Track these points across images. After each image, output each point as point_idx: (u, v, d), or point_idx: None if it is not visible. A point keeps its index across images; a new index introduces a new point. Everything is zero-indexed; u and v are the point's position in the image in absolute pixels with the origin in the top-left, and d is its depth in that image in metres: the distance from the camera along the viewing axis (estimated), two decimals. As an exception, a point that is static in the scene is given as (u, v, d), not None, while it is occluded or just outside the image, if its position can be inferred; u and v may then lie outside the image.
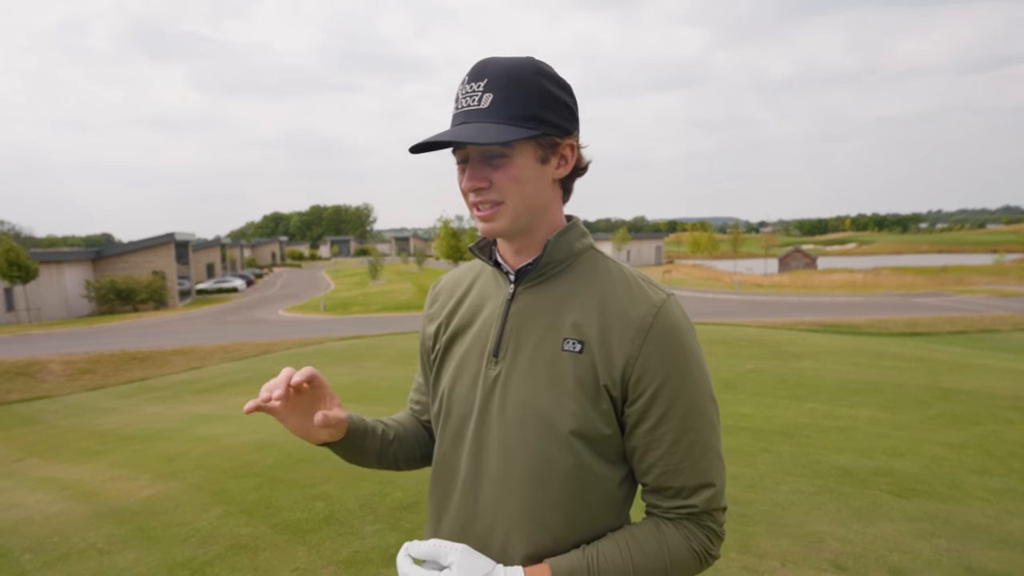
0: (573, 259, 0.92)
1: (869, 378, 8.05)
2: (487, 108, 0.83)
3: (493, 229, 0.88)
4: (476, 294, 1.00)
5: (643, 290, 0.88)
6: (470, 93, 0.84)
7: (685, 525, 0.87)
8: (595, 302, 0.88)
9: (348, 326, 21.40)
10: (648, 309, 0.86)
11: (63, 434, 8.69)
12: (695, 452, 0.85)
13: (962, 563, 2.84)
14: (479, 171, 0.86)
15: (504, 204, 0.86)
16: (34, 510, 4.47)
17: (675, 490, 0.86)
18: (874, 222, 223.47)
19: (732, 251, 64.20)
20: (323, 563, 3.11)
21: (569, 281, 0.91)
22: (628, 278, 0.90)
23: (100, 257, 34.74)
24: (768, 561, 2.91)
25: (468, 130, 0.82)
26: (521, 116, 0.83)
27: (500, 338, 0.91)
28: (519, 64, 0.85)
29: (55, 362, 15.43)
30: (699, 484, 0.86)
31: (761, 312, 21.57)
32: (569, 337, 0.87)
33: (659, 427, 0.85)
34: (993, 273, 42.71)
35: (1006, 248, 73.57)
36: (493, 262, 0.96)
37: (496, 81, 0.83)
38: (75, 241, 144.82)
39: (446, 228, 42.75)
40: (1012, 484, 3.92)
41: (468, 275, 1.05)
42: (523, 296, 0.92)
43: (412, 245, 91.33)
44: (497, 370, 0.90)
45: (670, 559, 0.85)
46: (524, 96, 0.84)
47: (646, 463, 0.87)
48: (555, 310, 0.89)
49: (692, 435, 0.85)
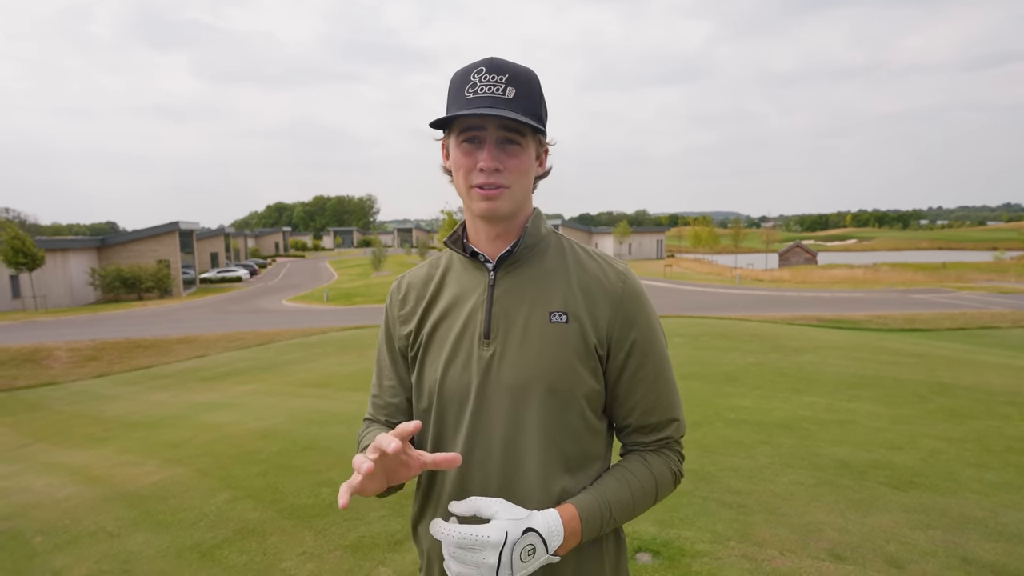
0: (543, 242, 1.03)
1: (868, 373, 8.09)
2: (512, 99, 0.91)
3: (497, 208, 0.95)
4: (451, 286, 1.05)
5: (607, 263, 1.03)
6: (492, 83, 0.91)
7: (664, 453, 1.03)
8: (571, 278, 1.00)
9: (351, 316, 21.47)
10: (617, 277, 1.01)
11: (69, 420, 8.78)
12: (667, 390, 1.02)
13: (958, 554, 2.89)
14: (497, 154, 0.93)
15: (510, 189, 0.94)
16: (43, 494, 4.54)
17: (653, 426, 1.02)
18: (875, 218, 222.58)
19: (733, 246, 64.05)
20: (330, 547, 3.17)
21: (543, 262, 1.01)
22: (592, 255, 1.04)
23: (105, 245, 34.82)
24: (767, 550, 2.96)
25: (502, 111, 0.90)
26: (535, 114, 0.94)
27: (489, 320, 0.98)
28: (527, 70, 0.95)
29: (61, 349, 15.54)
30: (670, 418, 1.03)
31: (761, 307, 21.58)
32: (554, 310, 0.97)
33: (639, 372, 1.00)
34: (993, 270, 42.62)
35: (1006, 245, 73.39)
36: (469, 253, 1.02)
37: (516, 79, 0.93)
38: (80, 229, 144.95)
39: (450, 220, 42.74)
40: (1008, 478, 3.97)
41: (432, 271, 1.09)
42: (504, 280, 1.00)
43: (415, 236, 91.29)
44: (491, 350, 0.96)
45: (657, 483, 1.00)
46: (536, 97, 0.95)
47: (628, 405, 1.01)
48: (536, 288, 0.99)
49: (664, 376, 1.02)
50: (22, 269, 27.14)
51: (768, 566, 2.80)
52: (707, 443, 4.81)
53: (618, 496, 0.95)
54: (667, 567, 2.81)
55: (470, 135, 0.92)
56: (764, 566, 2.80)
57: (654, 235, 65.89)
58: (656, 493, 1.00)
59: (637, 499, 0.97)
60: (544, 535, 0.86)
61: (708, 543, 3.04)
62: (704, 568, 2.79)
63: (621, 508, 0.96)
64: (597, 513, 0.93)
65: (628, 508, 0.96)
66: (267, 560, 3.07)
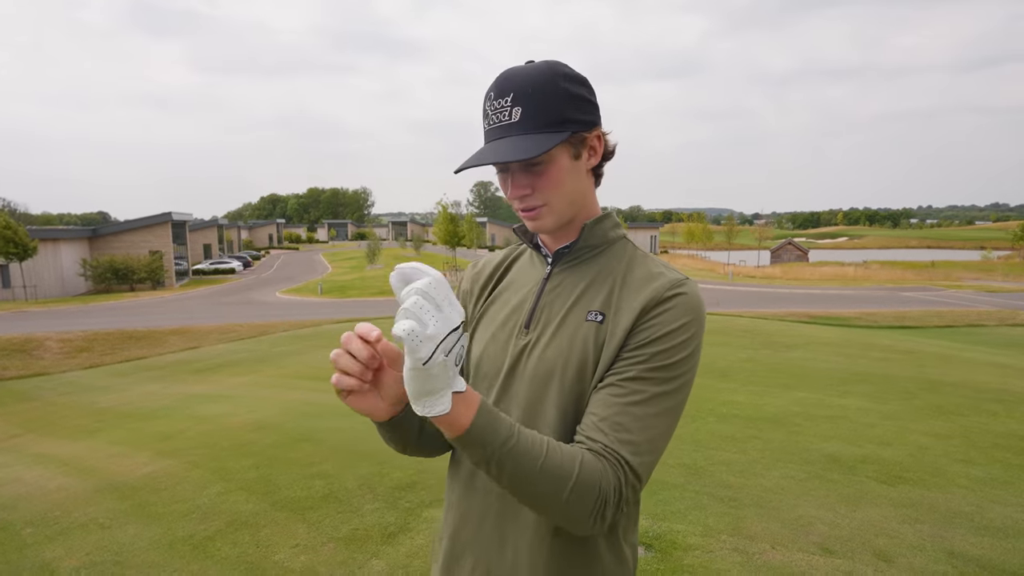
0: (607, 246, 1.01)
1: (858, 369, 8.16)
2: (518, 121, 0.90)
3: (541, 227, 0.97)
4: (513, 273, 1.09)
5: (665, 272, 0.96)
6: (499, 109, 0.91)
7: (605, 461, 0.84)
8: (620, 281, 0.97)
9: (345, 309, 21.42)
10: (665, 286, 0.92)
11: (60, 411, 8.73)
12: (646, 425, 0.86)
13: (945, 548, 2.93)
14: (521, 180, 0.94)
15: (547, 206, 0.95)
16: (34, 485, 4.52)
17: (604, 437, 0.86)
18: (866, 217, 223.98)
19: (726, 242, 64.33)
20: (323, 540, 3.18)
21: (600, 264, 1.00)
22: (652, 262, 0.99)
23: (97, 236, 34.52)
24: (758, 543, 2.99)
25: (504, 146, 0.89)
26: (550, 122, 0.90)
27: (532, 312, 1.00)
28: (539, 72, 0.91)
29: (52, 340, 15.42)
30: (621, 455, 0.85)
31: (753, 303, 21.69)
32: (594, 310, 0.95)
33: (631, 384, 0.87)
34: (980, 269, 43.07)
35: (993, 245, 74.16)
36: (534, 244, 1.05)
37: (521, 94, 0.90)
38: (71, 219, 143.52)
39: (444, 213, 42.56)
40: (994, 473, 4.03)
41: (507, 256, 1.14)
42: (558, 275, 1.01)
43: (410, 230, 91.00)
44: (527, 340, 0.98)
45: (576, 477, 0.81)
46: (549, 103, 0.90)
47: (593, 408, 0.89)
48: (584, 288, 0.98)
49: (654, 409, 0.87)
50: (12, 259, 26.88)
51: (759, 559, 2.83)
52: (699, 438, 4.84)
53: (528, 445, 0.80)
54: (659, 560, 2.84)
55: (500, 165, 0.94)
56: (755, 559, 2.83)
57: (648, 231, 65.95)
58: (562, 486, 0.80)
59: (542, 468, 0.79)
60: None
61: (700, 536, 3.06)
62: (696, 561, 2.82)
63: (521, 454, 0.79)
64: (496, 422, 0.79)
65: (527, 462, 0.79)
66: (260, 552, 3.07)
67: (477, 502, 0.98)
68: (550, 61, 0.94)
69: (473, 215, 56.01)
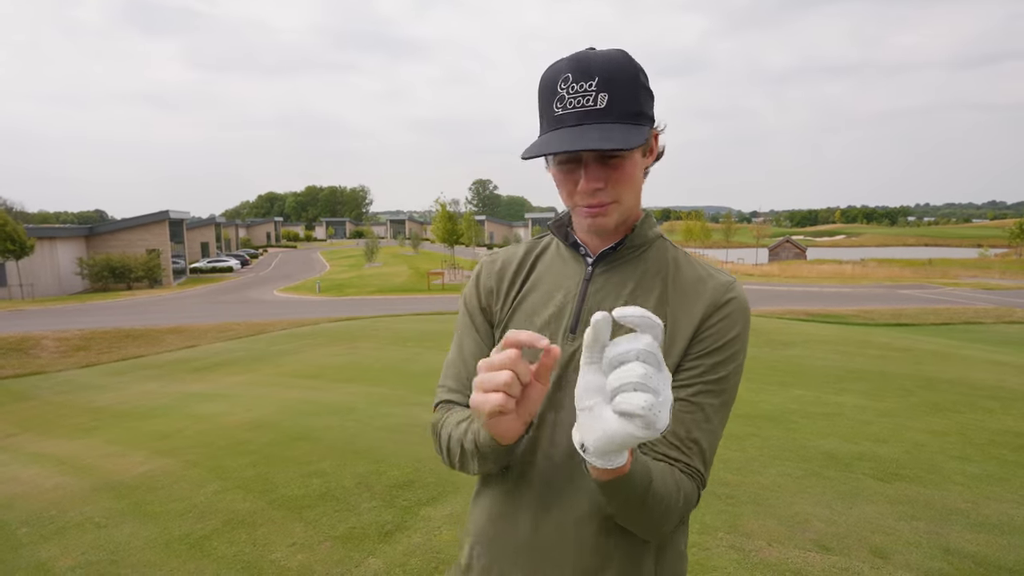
0: (647, 245, 0.98)
1: (855, 366, 8.18)
2: (604, 108, 0.83)
3: (606, 225, 0.91)
4: (545, 273, 1.01)
5: (713, 272, 0.95)
6: (582, 93, 0.84)
7: (686, 473, 0.89)
8: (669, 283, 0.94)
9: (343, 307, 21.39)
10: (719, 288, 0.92)
11: (57, 410, 8.70)
12: (706, 434, 0.89)
13: (941, 544, 2.94)
14: (597, 172, 0.87)
15: (617, 203, 0.90)
16: (30, 484, 4.51)
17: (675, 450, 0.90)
18: (863, 214, 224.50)
19: (724, 240, 64.43)
20: (320, 538, 3.17)
21: (644, 264, 0.96)
22: (696, 263, 0.97)
23: (93, 234, 34.42)
24: (755, 540, 3.00)
25: (595, 132, 0.83)
26: (633, 113, 0.85)
27: (579, 315, 0.94)
28: (621, 60, 0.86)
29: (48, 338, 15.38)
30: (693, 464, 0.89)
31: (751, 301, 21.37)
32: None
33: (696, 397, 0.89)
34: (977, 267, 43.24)
35: (990, 243, 74.43)
36: (571, 242, 0.99)
37: (606, 79, 0.84)
38: (67, 217, 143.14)
39: (443, 211, 42.52)
40: (990, 470, 4.04)
41: (529, 253, 1.05)
42: (600, 277, 0.96)
43: (408, 228, 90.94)
44: (575, 345, 0.93)
45: (681, 496, 0.86)
46: (633, 93, 0.85)
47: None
48: (632, 291, 0.94)
49: (714, 417, 0.90)
50: (9, 257, 26.80)
51: (756, 557, 2.84)
52: (696, 435, 4.85)
53: (662, 482, 0.82)
54: (655, 557, 2.84)
55: (568, 155, 0.87)
56: (752, 556, 2.84)
57: (646, 229, 65.87)
58: (672, 514, 0.84)
59: (665, 502, 0.82)
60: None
61: (697, 534, 3.07)
62: (693, 559, 2.82)
63: (656, 493, 0.81)
64: (639, 461, 0.77)
65: (658, 501, 0.81)
66: (257, 551, 3.06)
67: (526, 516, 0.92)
68: (622, 50, 0.88)
69: (471, 213, 56.00)
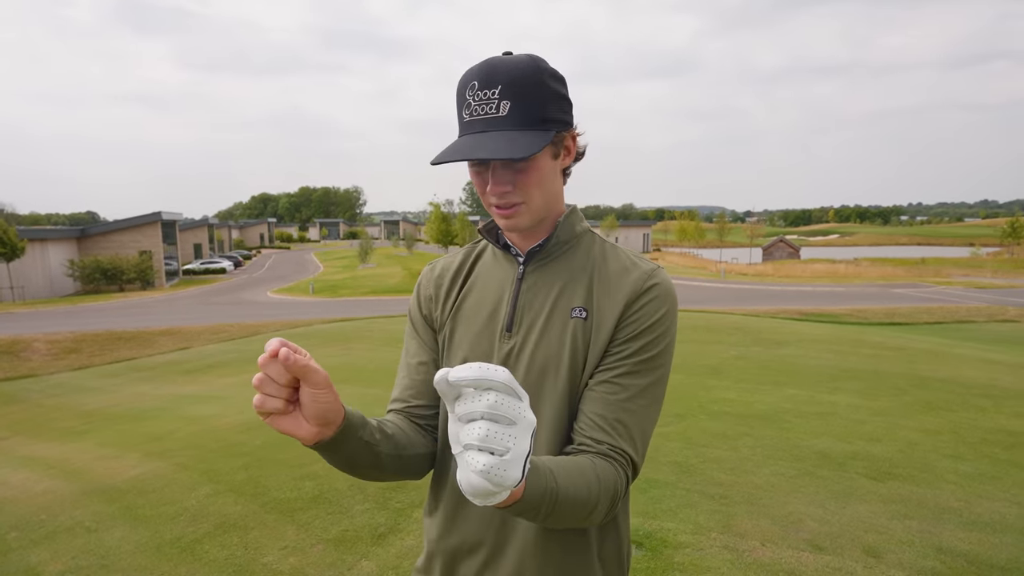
0: (575, 240, 1.01)
1: (848, 365, 8.21)
2: (506, 116, 0.86)
3: (516, 226, 0.95)
4: (482, 276, 1.05)
5: (635, 262, 0.98)
6: (485, 100, 0.87)
7: (612, 461, 0.87)
8: (596, 275, 0.97)
9: (337, 309, 21.32)
10: (641, 277, 0.95)
11: (48, 413, 8.63)
12: (636, 418, 0.90)
13: (933, 543, 2.94)
14: (503, 176, 0.91)
15: (525, 204, 0.92)
16: (19, 488, 4.46)
17: (602, 439, 0.89)
18: (856, 214, 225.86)
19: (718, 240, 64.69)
20: (313, 541, 3.15)
21: (572, 259, 0.99)
22: (621, 254, 1.00)
23: (85, 235, 34.15)
24: (748, 540, 3.00)
25: (492, 140, 0.86)
26: (537, 120, 0.88)
27: (512, 314, 0.98)
28: (526, 66, 0.88)
29: (39, 341, 15.25)
30: (622, 448, 0.89)
31: (745, 300, 21.79)
32: (576, 306, 0.95)
33: (621, 379, 0.91)
34: (969, 266, 43.54)
35: (982, 242, 74.98)
36: (501, 244, 1.02)
37: (509, 87, 0.86)
38: (59, 219, 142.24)
39: (437, 212, 42.52)
40: (982, 469, 4.05)
41: (467, 258, 1.09)
42: (532, 275, 0.99)
43: (402, 229, 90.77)
44: (511, 343, 0.96)
45: (599, 493, 0.83)
46: (536, 100, 0.88)
47: (588, 408, 0.92)
48: (562, 286, 0.97)
49: (642, 401, 0.91)
50: (0, 259, 26.57)
51: (749, 556, 2.84)
52: (690, 435, 4.85)
53: (573, 487, 0.80)
54: (650, 558, 2.83)
55: (475, 160, 0.89)
56: (745, 556, 2.84)
57: (640, 229, 66.17)
58: (592, 508, 0.82)
59: (575, 502, 0.80)
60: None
61: (691, 534, 3.06)
62: (687, 559, 2.82)
63: (563, 502, 0.78)
64: (537, 477, 0.74)
65: (567, 507, 0.79)
66: (248, 554, 3.04)
67: (475, 512, 0.96)
68: (532, 55, 0.91)
69: (465, 214, 55.99)
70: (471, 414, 0.63)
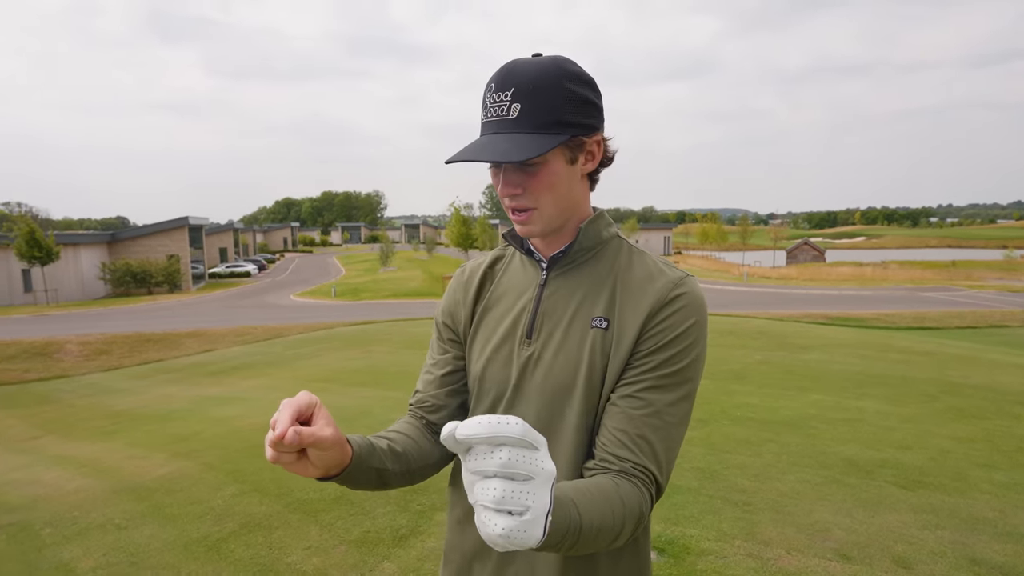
0: (602, 246, 0.98)
1: (876, 371, 8.03)
2: (515, 119, 0.86)
3: (529, 232, 0.94)
4: (505, 279, 1.05)
5: (662, 270, 0.94)
6: (498, 103, 0.87)
7: (635, 482, 0.85)
8: (621, 283, 0.94)
9: (358, 312, 21.53)
10: (666, 283, 0.91)
11: (79, 413, 8.86)
12: (660, 436, 0.86)
13: (967, 555, 2.86)
14: (512, 178, 0.90)
15: (537, 209, 0.91)
16: (52, 486, 4.59)
17: (625, 456, 0.86)
18: (884, 216, 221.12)
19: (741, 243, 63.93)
20: (335, 542, 3.18)
21: (597, 266, 0.97)
22: (648, 260, 0.97)
23: (115, 240, 35.06)
24: (773, 549, 2.95)
25: (499, 142, 0.86)
26: (549, 123, 0.86)
27: (533, 320, 0.96)
28: (545, 69, 0.87)
29: (72, 343, 15.68)
30: (645, 465, 0.86)
31: (769, 304, 21.46)
32: (597, 316, 0.93)
33: (643, 394, 0.87)
34: (1002, 269, 42.26)
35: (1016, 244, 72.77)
36: (525, 249, 1.00)
37: (523, 90, 0.86)
38: (91, 224, 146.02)
39: (457, 215, 42.67)
40: (1018, 478, 3.93)
41: (495, 262, 1.09)
42: (555, 281, 0.97)
43: (422, 232, 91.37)
44: (530, 350, 0.95)
45: (624, 518, 0.81)
46: (551, 103, 0.86)
47: (611, 425, 0.89)
48: (585, 293, 0.95)
49: (665, 418, 0.87)
50: (35, 263, 27.38)
51: (774, 565, 2.79)
52: (713, 441, 4.79)
53: (598, 516, 0.76)
54: (672, 565, 2.80)
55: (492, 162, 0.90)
56: (770, 565, 2.79)
57: (661, 232, 65.70)
58: (621, 529, 0.79)
59: (612, 528, 0.78)
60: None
61: (714, 541, 3.02)
62: (709, 566, 2.78)
63: (586, 531, 0.75)
64: (560, 509, 0.71)
65: (591, 537, 0.75)
66: (273, 554, 3.09)
67: None
68: (557, 58, 0.90)
69: (486, 217, 56.16)
70: (484, 472, 0.60)
